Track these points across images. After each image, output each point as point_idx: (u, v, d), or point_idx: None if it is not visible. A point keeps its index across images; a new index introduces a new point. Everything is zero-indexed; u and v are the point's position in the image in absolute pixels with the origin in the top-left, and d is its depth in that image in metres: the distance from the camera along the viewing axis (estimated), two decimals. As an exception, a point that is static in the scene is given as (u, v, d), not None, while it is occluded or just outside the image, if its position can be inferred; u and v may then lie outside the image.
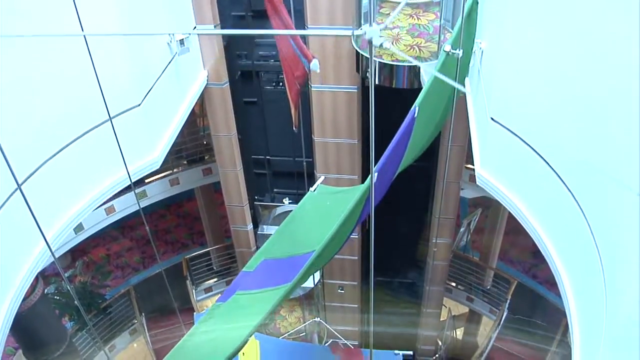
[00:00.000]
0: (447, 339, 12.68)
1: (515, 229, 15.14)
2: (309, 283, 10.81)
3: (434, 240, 10.51)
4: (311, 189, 4.30)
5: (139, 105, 6.03)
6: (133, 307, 12.91)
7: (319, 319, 9.56)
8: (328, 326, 9.93)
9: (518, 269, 13.93)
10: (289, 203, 10.73)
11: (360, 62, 7.39)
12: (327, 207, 4.26)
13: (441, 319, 12.54)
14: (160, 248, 14.83)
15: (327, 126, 8.96)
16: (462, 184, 9.97)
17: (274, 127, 10.19)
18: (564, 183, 4.07)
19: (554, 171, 4.18)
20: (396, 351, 6.07)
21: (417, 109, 3.50)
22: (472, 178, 11.82)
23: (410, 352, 5.95)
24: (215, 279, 13.74)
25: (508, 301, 12.22)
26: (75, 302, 11.82)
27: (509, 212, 5.12)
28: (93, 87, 4.85)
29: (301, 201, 4.28)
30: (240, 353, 7.19)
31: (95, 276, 12.74)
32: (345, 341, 10.90)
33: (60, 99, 5.01)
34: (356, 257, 10.97)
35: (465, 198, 14.25)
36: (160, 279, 14.50)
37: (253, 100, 9.91)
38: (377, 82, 6.62)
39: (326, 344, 12.59)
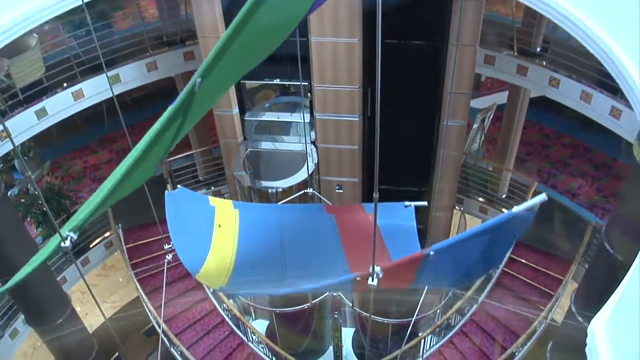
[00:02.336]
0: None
1: (528, 139, 13.83)
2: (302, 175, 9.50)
3: (445, 123, 9.15)
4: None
5: None
6: (108, 218, 11.61)
7: (311, 190, 8.22)
8: (322, 197, 8.62)
9: (536, 180, 12.63)
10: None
11: None
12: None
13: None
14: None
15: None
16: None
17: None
18: None
19: None
20: (407, 202, 4.68)
21: None
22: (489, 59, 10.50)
23: (425, 202, 4.54)
24: (202, 191, 12.44)
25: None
26: (41, 202, 10.52)
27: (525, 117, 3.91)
28: None
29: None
30: (216, 225, 5.72)
31: (66, 179, 11.45)
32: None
33: None
34: (356, 147, 9.61)
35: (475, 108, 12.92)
36: (139, 190, 13.10)
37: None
38: None
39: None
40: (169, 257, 6.05)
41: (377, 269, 3.26)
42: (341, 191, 10.58)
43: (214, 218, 5.66)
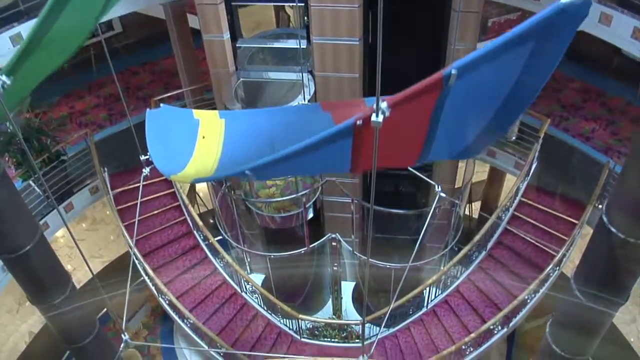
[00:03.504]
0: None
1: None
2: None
3: (452, 46, 8.44)
4: None
5: None
6: (94, 162, 10.90)
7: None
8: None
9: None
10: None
11: None
12: None
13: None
14: (130, 104, 12.85)
15: None
16: None
17: None
18: None
19: None
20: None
21: None
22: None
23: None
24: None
25: (540, 141, 10.21)
26: (19, 139, 9.82)
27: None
28: None
29: None
30: (199, 137, 5.16)
31: (49, 122, 10.72)
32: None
33: None
34: (356, 75, 8.90)
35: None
36: (127, 135, 12.46)
37: None
38: None
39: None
40: (146, 170, 5.37)
41: (383, 104, 2.54)
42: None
43: (197, 130, 5.08)
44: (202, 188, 13.80)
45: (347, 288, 12.73)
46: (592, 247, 5.99)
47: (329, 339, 11.44)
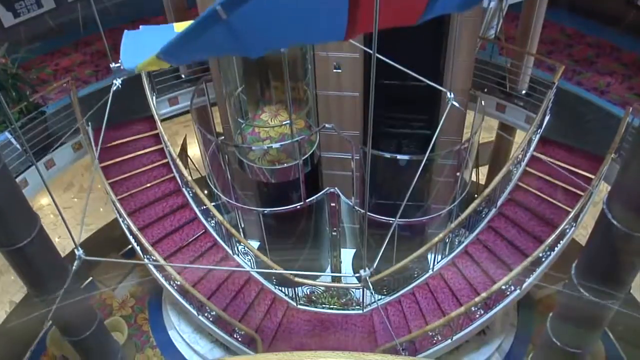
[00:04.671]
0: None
1: (549, 39, 12.41)
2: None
3: None
4: None
5: None
6: (76, 116, 10.18)
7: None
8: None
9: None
10: None
11: None
12: None
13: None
14: (118, 60, 12.05)
15: None
16: None
17: None
18: None
19: None
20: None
21: None
22: None
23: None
24: (182, 90, 11.06)
25: (554, 88, 9.47)
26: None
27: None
28: None
29: None
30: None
31: (29, 71, 10.03)
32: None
33: None
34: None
35: None
36: (115, 91, 11.73)
37: None
38: None
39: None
40: (117, 82, 4.71)
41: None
42: (339, 71, 9.20)
43: (173, 30, 4.45)
44: (195, 154, 13.06)
45: (347, 255, 12.00)
46: (593, 240, 5.96)
47: (327, 306, 10.72)
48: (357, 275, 3.81)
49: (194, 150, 13.02)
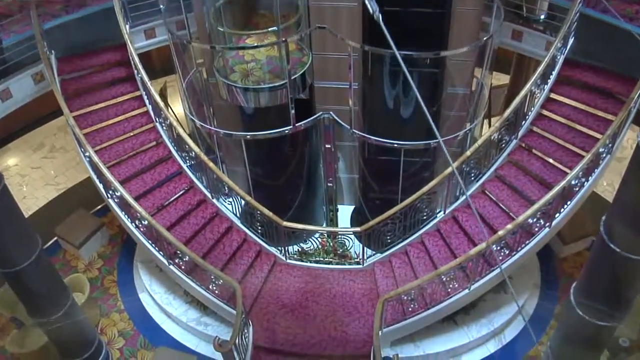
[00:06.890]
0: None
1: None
2: None
3: None
4: None
5: None
6: (37, 40, 8.93)
7: None
8: None
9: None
10: None
11: None
12: None
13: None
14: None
15: None
16: None
17: None
18: None
19: None
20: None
21: None
22: None
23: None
24: (159, 20, 9.79)
25: (578, 4, 8.23)
26: None
27: None
28: None
29: None
30: None
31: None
32: None
33: None
34: None
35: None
36: (83, 22, 10.61)
37: None
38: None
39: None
40: None
41: None
42: None
43: None
44: (179, 112, 11.76)
45: (346, 212, 10.59)
46: (593, 263, 6.12)
47: (322, 260, 9.29)
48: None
49: (178, 109, 11.77)
